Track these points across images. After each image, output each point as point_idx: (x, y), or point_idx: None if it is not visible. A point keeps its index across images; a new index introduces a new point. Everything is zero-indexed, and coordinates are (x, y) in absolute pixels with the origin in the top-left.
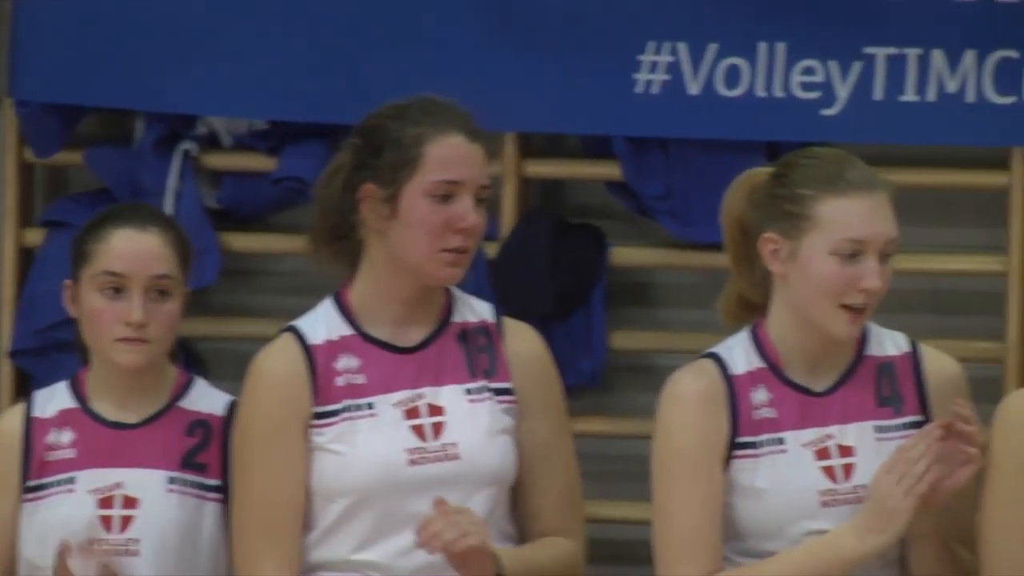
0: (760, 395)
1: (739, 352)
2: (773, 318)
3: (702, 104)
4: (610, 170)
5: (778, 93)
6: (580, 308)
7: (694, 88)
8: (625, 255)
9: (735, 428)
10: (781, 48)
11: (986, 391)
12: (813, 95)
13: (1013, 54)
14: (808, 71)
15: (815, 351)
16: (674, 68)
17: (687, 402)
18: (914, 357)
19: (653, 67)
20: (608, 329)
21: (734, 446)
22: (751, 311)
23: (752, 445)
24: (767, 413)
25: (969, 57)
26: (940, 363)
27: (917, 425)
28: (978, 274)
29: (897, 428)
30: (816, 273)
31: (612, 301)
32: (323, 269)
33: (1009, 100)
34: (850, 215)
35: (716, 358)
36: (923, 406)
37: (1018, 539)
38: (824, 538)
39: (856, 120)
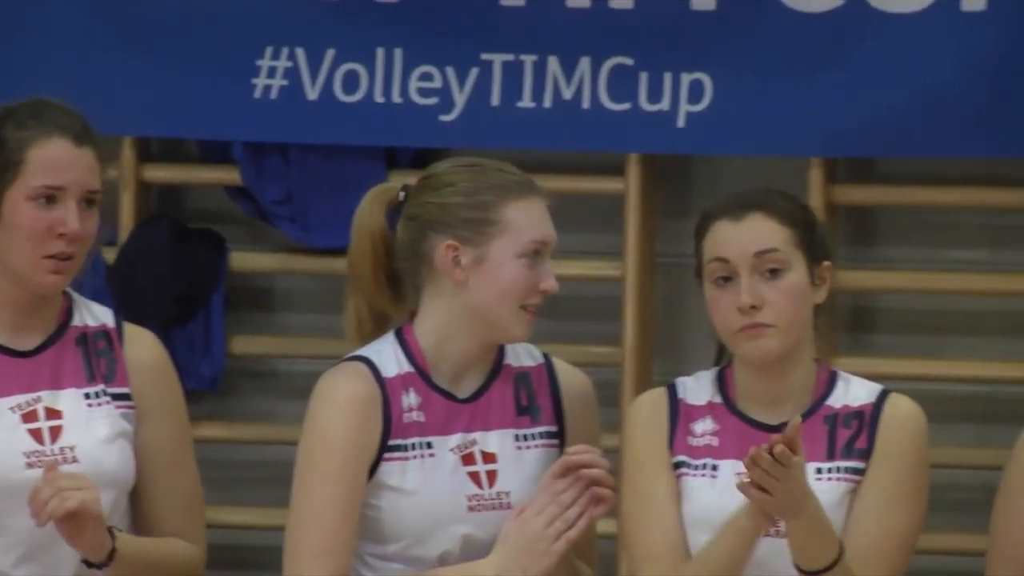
0: (410, 399)
1: (388, 355)
2: (426, 325)
3: (320, 109)
4: (229, 175)
5: (396, 99)
6: (200, 313)
7: (312, 93)
8: (245, 260)
9: (387, 430)
10: (399, 54)
11: (604, 396)
12: (431, 101)
13: (628, 61)
14: (426, 77)
15: (467, 357)
16: (292, 73)
17: (343, 404)
18: (548, 368)
19: (271, 72)
20: (228, 334)
21: (385, 448)
22: (383, 324)
23: (402, 448)
24: (416, 417)
25: (584, 63)
26: (574, 378)
27: (552, 435)
28: (595, 279)
29: (535, 437)
30: (505, 276)
31: (232, 306)
32: None
33: (624, 107)
34: (533, 218)
35: (366, 361)
36: (558, 418)
37: None
38: (464, 567)
39: (474, 126)
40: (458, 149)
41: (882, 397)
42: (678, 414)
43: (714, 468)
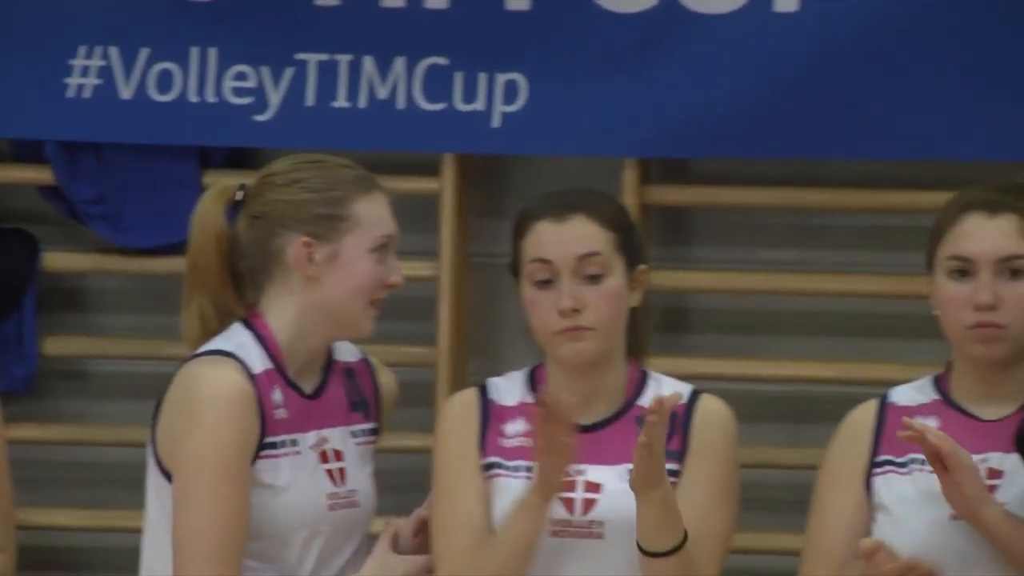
0: (276, 395)
1: (250, 351)
2: (278, 322)
3: (134, 109)
4: (42, 174)
5: (210, 98)
6: (12, 313)
7: (126, 93)
8: (58, 260)
9: (263, 427)
10: (213, 53)
11: (419, 395)
12: (245, 100)
13: (443, 61)
14: (240, 76)
15: (313, 353)
16: (106, 72)
17: (230, 399)
18: (367, 364)
19: (85, 71)
20: (40, 334)
21: (261, 446)
22: (226, 321)
23: (274, 445)
24: (283, 414)
25: (399, 64)
26: (387, 376)
27: (375, 432)
28: (410, 279)
29: (365, 433)
30: (358, 271)
31: (44, 307)
32: None
33: (439, 107)
34: (381, 212)
35: (234, 357)
36: (378, 413)
37: None
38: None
39: (288, 126)
40: (273, 149)
41: (693, 398)
42: (489, 415)
43: (528, 469)
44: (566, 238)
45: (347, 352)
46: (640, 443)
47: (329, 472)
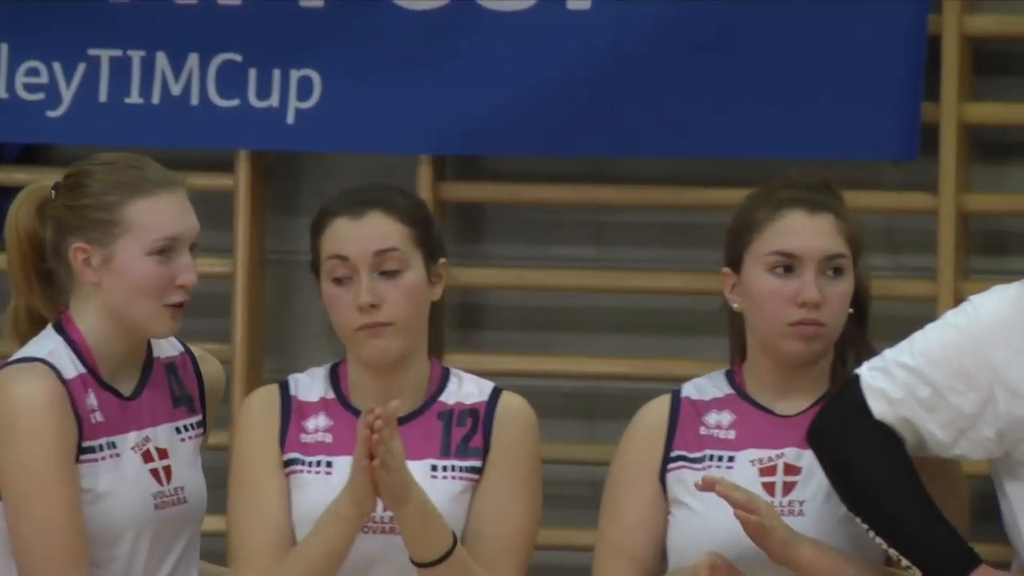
0: (91, 399)
1: (62, 356)
2: (84, 325)
3: None
4: None
5: (2, 94)
6: None
7: None
8: None
9: (80, 433)
10: (4, 48)
11: None
12: (37, 96)
13: (237, 57)
14: (32, 72)
15: (121, 355)
16: None
17: (46, 406)
18: (190, 356)
19: None
20: None
21: (80, 451)
22: (39, 325)
23: (91, 450)
24: (99, 418)
25: (193, 60)
26: (213, 366)
27: (202, 424)
28: (204, 276)
29: (191, 428)
30: (135, 275)
31: None
32: None
33: (233, 103)
34: (160, 214)
35: (45, 362)
36: (203, 405)
37: None
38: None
39: (81, 122)
40: (66, 145)
41: (495, 395)
42: (291, 411)
43: (328, 464)
44: (362, 234)
45: (168, 346)
46: (376, 466)
47: (154, 472)
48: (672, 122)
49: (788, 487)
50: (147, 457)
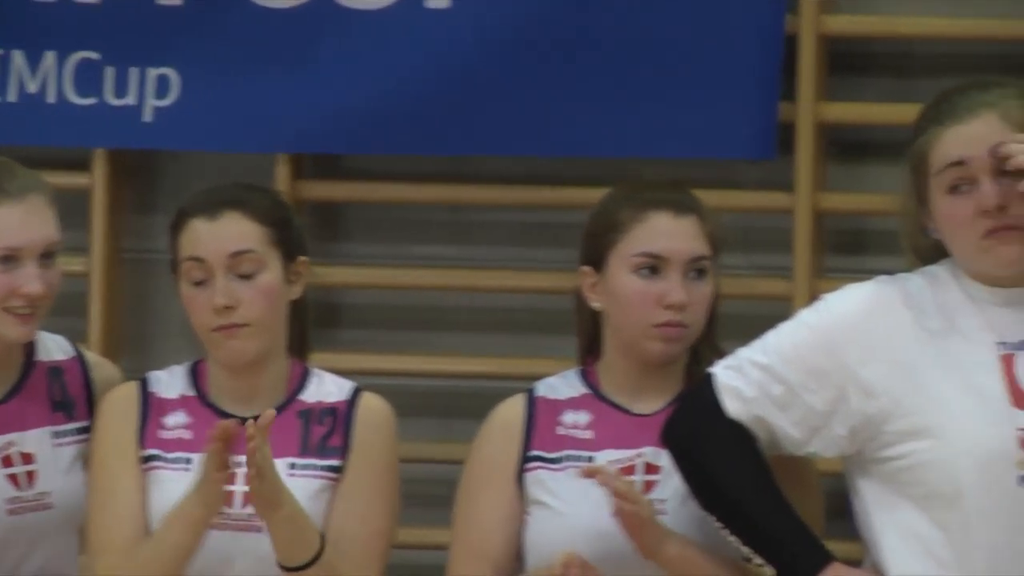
0: None
1: None
2: None
3: None
4: None
5: None
6: None
7: None
8: None
9: None
10: None
11: None
12: None
13: (94, 55)
14: None
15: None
16: None
17: None
18: (81, 362)
19: None
20: None
21: None
22: None
23: None
24: None
25: (49, 58)
26: (105, 371)
27: (86, 430)
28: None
29: (71, 433)
30: None
31: None
32: None
33: (90, 101)
34: (4, 224)
35: None
36: (90, 410)
37: None
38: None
39: None
40: None
41: (355, 395)
42: (149, 408)
43: (188, 461)
44: (218, 236)
45: (57, 350)
46: (250, 475)
47: (12, 476)
48: (531, 121)
49: (649, 486)
50: (7, 462)
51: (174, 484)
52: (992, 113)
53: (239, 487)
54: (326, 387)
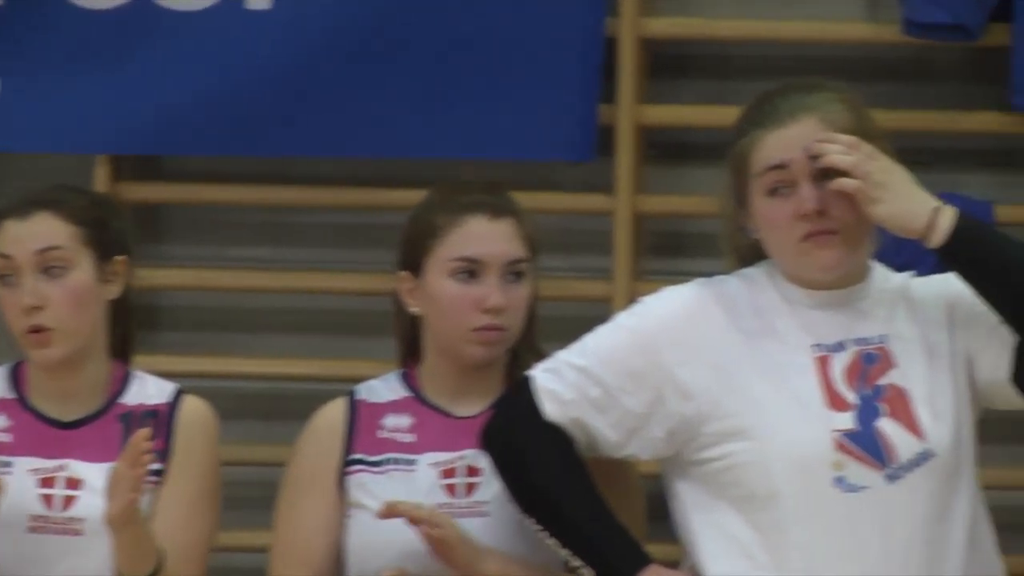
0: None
1: None
2: None
3: None
4: None
5: None
6: None
7: None
8: None
9: None
10: None
11: None
12: None
13: None
14: None
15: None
16: None
17: None
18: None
19: None
20: None
21: None
22: None
23: None
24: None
25: None
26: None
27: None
28: None
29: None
30: None
31: None
32: None
33: None
34: None
35: None
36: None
37: None
38: None
39: None
40: None
41: (176, 397)
42: None
43: (7, 464)
44: (27, 234)
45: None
46: (116, 492)
47: (47, 496)
48: (351, 123)
49: (470, 488)
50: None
51: None
52: (812, 116)
53: (59, 491)
54: (147, 390)
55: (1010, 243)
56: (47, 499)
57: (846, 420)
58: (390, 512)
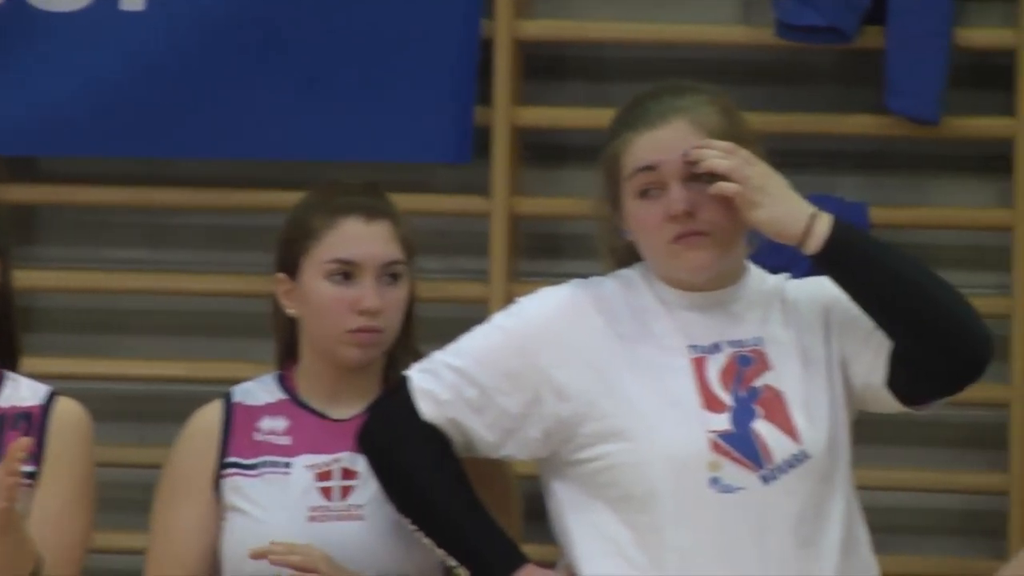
0: None
1: None
2: None
3: None
4: None
5: None
6: None
7: None
8: None
9: None
10: None
11: None
12: None
13: None
14: None
15: None
16: None
17: None
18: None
19: None
20: None
21: None
22: None
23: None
24: None
25: None
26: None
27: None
28: None
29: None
30: None
31: None
32: None
33: None
34: None
35: None
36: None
37: None
38: None
39: None
40: None
41: (50, 399)
42: None
43: None
44: None
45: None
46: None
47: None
48: (226, 124)
49: (346, 491)
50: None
51: None
52: (683, 119)
53: None
54: (21, 392)
55: (885, 251)
56: None
57: (722, 421)
58: (260, 556)
